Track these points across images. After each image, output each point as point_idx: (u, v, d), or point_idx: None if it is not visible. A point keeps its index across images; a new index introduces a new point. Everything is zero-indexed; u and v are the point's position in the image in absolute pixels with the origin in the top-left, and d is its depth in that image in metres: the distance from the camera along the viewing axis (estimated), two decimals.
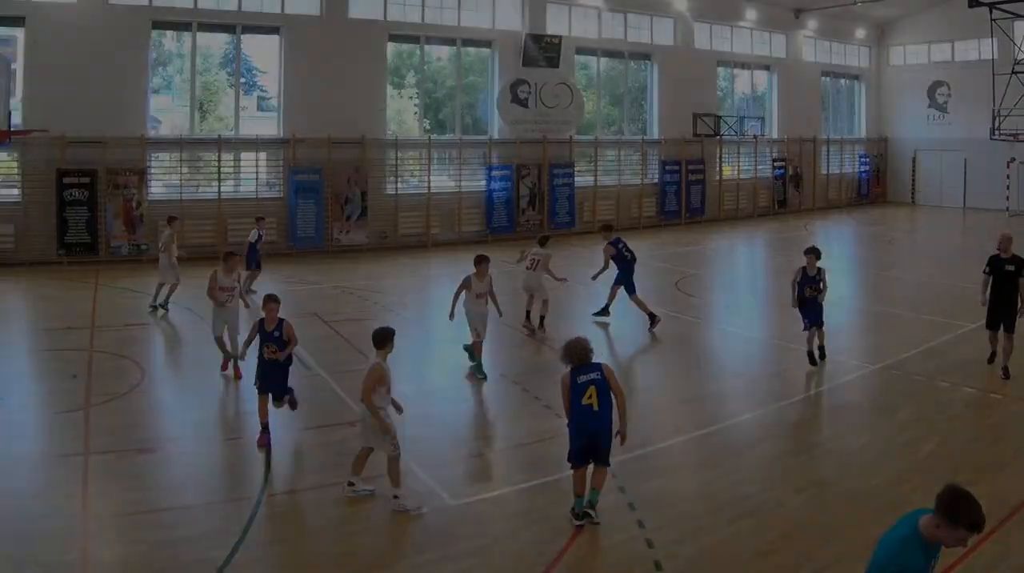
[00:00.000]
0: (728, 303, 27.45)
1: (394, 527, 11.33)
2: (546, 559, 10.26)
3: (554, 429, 14.37)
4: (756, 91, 53.80)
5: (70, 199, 32.03)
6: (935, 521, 6.28)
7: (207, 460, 13.71)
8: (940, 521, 6.24)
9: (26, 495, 11.84)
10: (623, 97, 48.23)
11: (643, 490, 12.15)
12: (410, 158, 39.99)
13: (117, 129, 32.76)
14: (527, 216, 41.63)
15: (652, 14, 46.96)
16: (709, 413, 15.81)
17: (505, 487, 12.47)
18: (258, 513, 11.46)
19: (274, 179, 36.78)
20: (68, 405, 15.84)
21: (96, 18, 32.73)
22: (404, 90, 44.45)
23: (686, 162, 47.38)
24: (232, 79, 37.87)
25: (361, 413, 12.09)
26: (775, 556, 10.40)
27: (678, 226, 46.53)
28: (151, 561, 10.20)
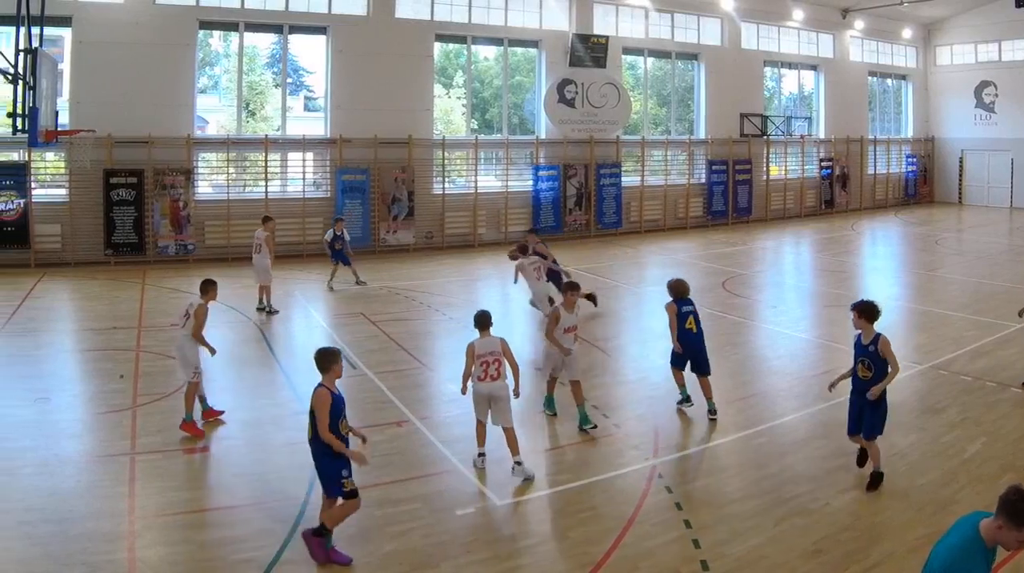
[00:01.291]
0: (774, 302, 26.46)
1: (441, 527, 11.03)
2: (593, 559, 10.07)
3: (601, 429, 14.35)
4: (803, 91, 52.26)
5: (117, 199, 31.30)
6: (997, 523, 5.99)
7: (254, 460, 13.40)
8: (1003, 522, 5.95)
9: (73, 495, 11.66)
10: (670, 97, 46.78)
11: (690, 490, 11.98)
12: (457, 158, 39.06)
13: (164, 129, 32.00)
14: (574, 216, 40.49)
15: (699, 14, 45.63)
16: (755, 413, 15.51)
17: (552, 487, 12.18)
18: (305, 513, 11.22)
19: (321, 179, 35.77)
20: (115, 405, 15.57)
21: (143, 18, 31.97)
22: (451, 90, 43.58)
23: (733, 162, 46.07)
24: (279, 79, 37.05)
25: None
26: (822, 556, 10.20)
27: (725, 226, 45.40)
28: (198, 561, 10.06)
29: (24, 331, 21.42)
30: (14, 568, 9.81)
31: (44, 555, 10.04)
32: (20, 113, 21.02)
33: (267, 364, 18.95)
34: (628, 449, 13.69)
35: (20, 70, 21.09)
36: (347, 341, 20.37)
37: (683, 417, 15.31)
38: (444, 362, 19.00)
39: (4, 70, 20.93)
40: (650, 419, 15.14)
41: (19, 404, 15.46)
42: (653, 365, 18.43)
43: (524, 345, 19.78)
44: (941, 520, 10.50)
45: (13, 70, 20.92)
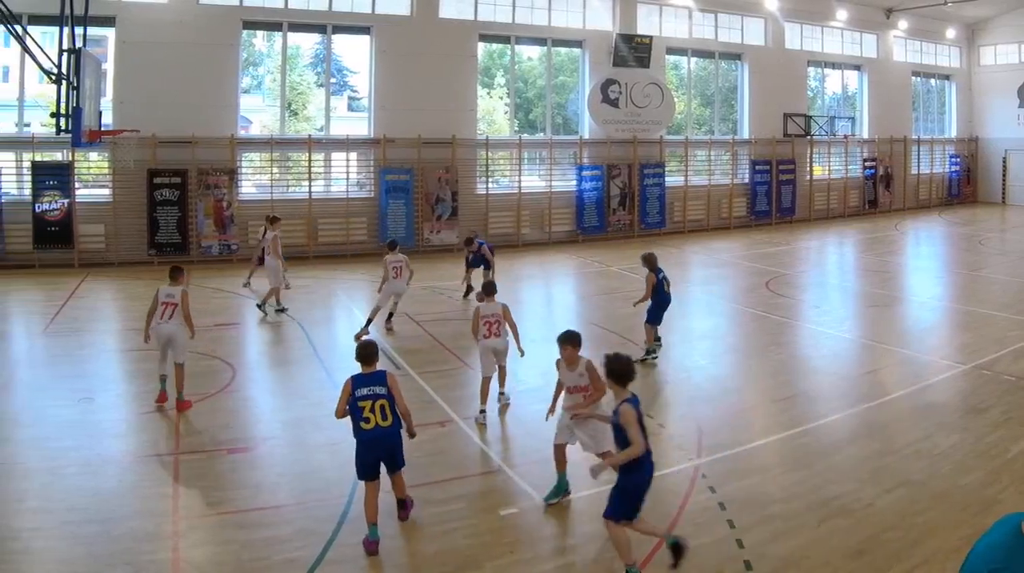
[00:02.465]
0: (818, 302, 25.68)
1: (484, 527, 10.75)
2: (636, 558, 9.54)
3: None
4: (847, 91, 50.63)
5: (161, 199, 30.65)
6: None
7: (298, 460, 13.03)
8: None
9: (116, 494, 11.46)
10: (714, 97, 45.46)
11: (733, 490, 11.64)
12: (500, 158, 37.96)
13: (207, 129, 31.27)
14: (618, 216, 39.39)
15: (743, 14, 44.23)
16: (798, 413, 15.03)
17: (595, 487, 11.20)
18: (348, 513, 11.00)
19: (365, 179, 34.97)
20: (157, 405, 15.11)
21: (187, 17, 31.26)
22: (494, 90, 42.60)
23: (776, 162, 44.67)
24: (322, 79, 36.27)
25: None
26: (865, 556, 9.92)
27: (769, 226, 44.19)
28: (241, 561, 9.83)
29: (68, 331, 20.98)
30: (57, 568, 9.63)
31: (87, 555, 9.81)
32: (64, 113, 20.57)
33: (310, 364, 18.39)
34: (672, 449, 13.27)
35: (64, 70, 20.66)
36: (390, 341, 20.01)
37: (727, 418, 14.84)
38: None
39: (48, 70, 20.63)
40: (693, 419, 14.69)
41: (62, 404, 15.14)
42: (696, 365, 18.19)
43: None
44: (984, 520, 10.09)
45: (57, 70, 20.59)
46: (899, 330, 21.92)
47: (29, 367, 18.17)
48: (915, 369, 17.86)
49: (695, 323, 22.32)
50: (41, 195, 29.41)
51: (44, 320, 22.09)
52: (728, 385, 17.09)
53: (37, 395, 15.89)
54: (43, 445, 13.17)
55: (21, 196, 29.82)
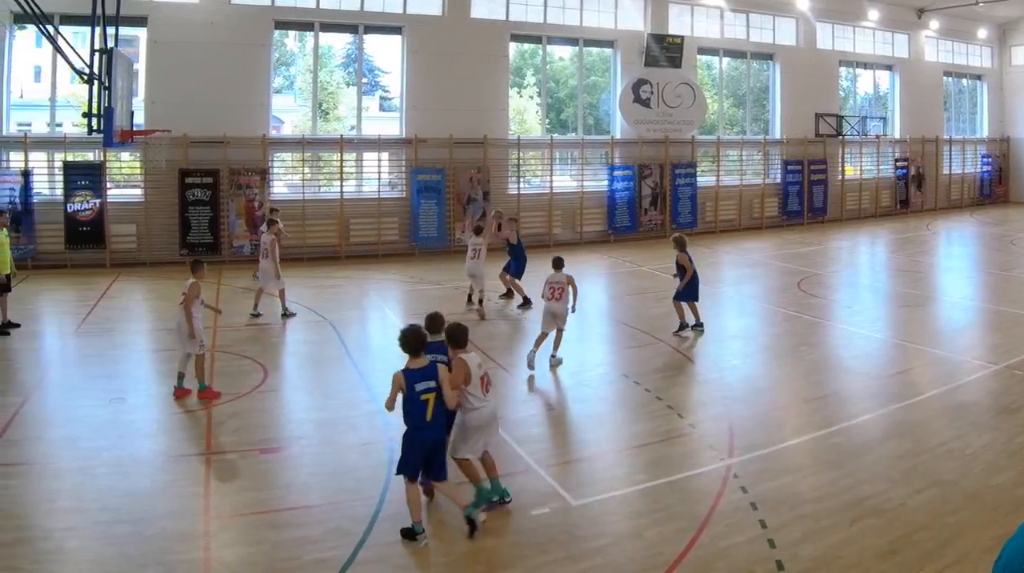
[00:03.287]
0: (850, 302, 25.02)
1: (516, 527, 10.53)
2: (667, 559, 9.62)
3: (676, 429, 13.86)
4: (878, 91, 49.46)
5: (192, 199, 30.09)
6: None
7: (330, 460, 12.72)
8: None
9: (148, 495, 11.24)
10: (745, 97, 44.39)
11: (765, 490, 11.35)
12: (532, 158, 37.19)
13: (239, 129, 30.66)
14: (649, 216, 38.52)
15: (774, 14, 43.16)
16: (830, 413, 14.65)
17: (627, 487, 11.65)
18: (381, 513, 10.77)
19: (396, 179, 34.29)
20: (190, 405, 14.97)
21: (218, 17, 30.68)
22: (525, 90, 41.76)
23: (808, 162, 43.65)
24: (353, 79, 35.66)
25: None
26: (897, 556, 9.68)
27: (800, 226, 43.15)
28: (273, 561, 9.63)
29: (99, 331, 20.61)
30: (90, 568, 9.42)
31: (120, 555, 9.59)
32: (96, 113, 20.22)
33: (342, 364, 17.96)
34: (704, 449, 13.00)
35: (96, 70, 20.25)
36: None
37: (759, 417, 14.50)
38: (519, 362, 17.88)
39: (80, 70, 20.14)
40: (726, 419, 14.27)
41: (94, 404, 14.84)
42: (729, 365, 17.76)
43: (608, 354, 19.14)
44: (1016, 520, 9.17)
45: (89, 70, 20.14)
46: (931, 330, 21.49)
47: (61, 367, 17.89)
48: (947, 369, 17.52)
49: (727, 323, 21.99)
50: (73, 195, 28.93)
51: (76, 320, 21.74)
52: (760, 385, 16.74)
53: (69, 395, 15.61)
54: (75, 445, 12.93)
55: (53, 196, 29.35)
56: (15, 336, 19.80)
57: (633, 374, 16.90)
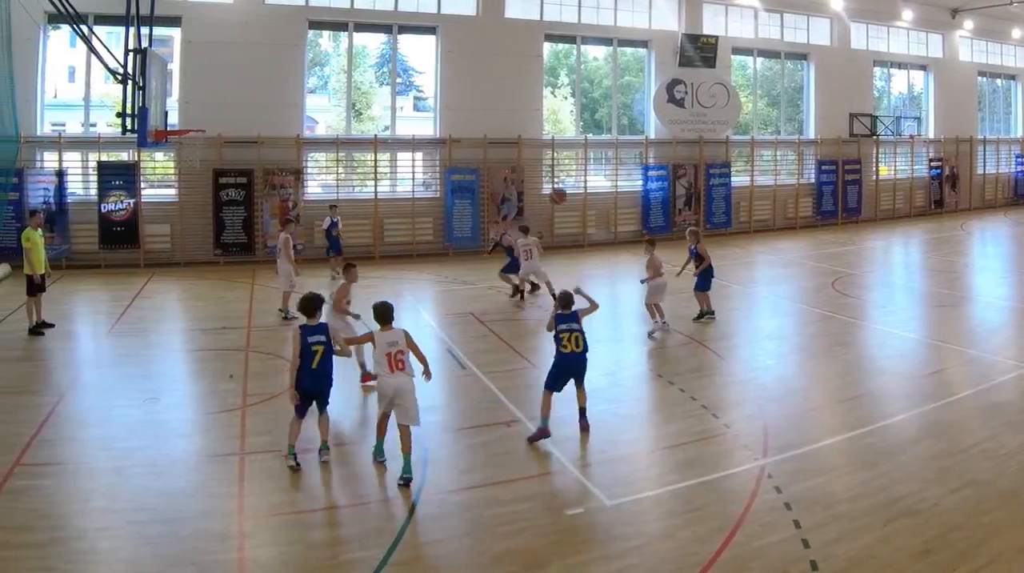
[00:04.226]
0: (884, 302, 24.54)
1: (550, 527, 10.35)
2: (702, 559, 9.48)
3: (711, 429, 13.64)
4: (912, 91, 48.04)
5: (226, 199, 29.45)
6: None
7: (364, 460, 12.46)
8: None
9: (182, 495, 11.08)
10: (779, 97, 43.20)
11: (799, 490, 11.19)
12: (566, 158, 36.17)
13: (273, 129, 30.02)
14: (683, 216, 37.28)
15: (808, 14, 41.88)
16: (864, 413, 14.32)
17: (661, 487, 11.46)
18: (415, 513, 10.66)
19: (430, 179, 33.51)
20: (224, 405, 14.78)
21: (252, 18, 30.07)
22: (560, 90, 40.65)
23: (842, 162, 42.44)
24: (387, 78, 34.90)
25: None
26: (931, 556, 9.51)
27: (834, 226, 42.05)
28: (307, 561, 9.48)
29: (134, 331, 20.26)
30: (124, 568, 9.29)
31: (154, 555, 9.48)
32: (130, 113, 20.00)
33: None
34: (738, 449, 12.77)
35: (130, 70, 20.01)
36: (457, 341, 19.27)
37: (793, 417, 14.24)
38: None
39: (114, 70, 19.84)
40: (760, 419, 13.99)
41: (129, 404, 14.63)
42: (763, 365, 17.45)
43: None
44: None
45: (123, 70, 19.89)
46: (965, 330, 20.83)
47: (95, 367, 17.60)
48: (981, 369, 17.03)
49: (761, 323, 21.75)
50: (107, 195, 28.42)
51: (110, 320, 21.35)
52: (794, 385, 16.39)
53: (103, 395, 15.35)
54: (110, 445, 12.70)
55: (87, 196, 28.85)
56: (49, 336, 19.45)
57: (667, 374, 16.63)
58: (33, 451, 12.32)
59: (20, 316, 20.36)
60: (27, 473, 11.51)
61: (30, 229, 19.76)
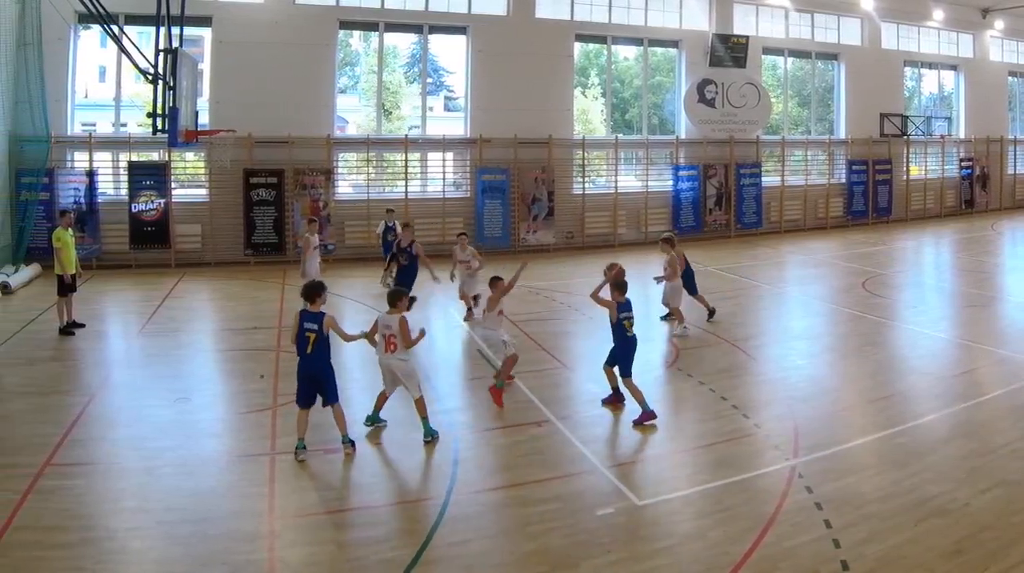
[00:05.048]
0: (914, 302, 23.91)
1: (581, 527, 10.13)
2: (732, 559, 9.26)
3: (741, 429, 13.36)
4: (943, 91, 46.69)
5: (257, 199, 28.76)
6: None
7: (395, 459, 12.45)
8: None
9: (213, 494, 10.92)
10: (810, 97, 42.04)
11: (830, 490, 11.00)
12: (596, 158, 35.33)
13: (304, 129, 29.32)
14: (714, 216, 36.50)
15: (839, 14, 40.69)
16: (895, 413, 14.08)
17: (692, 487, 11.31)
18: (445, 513, 10.45)
19: (461, 179, 32.72)
20: (255, 405, 14.50)
21: (282, 17, 29.38)
22: (590, 90, 39.60)
23: (873, 162, 41.26)
24: (417, 78, 34.11)
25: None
26: (962, 556, 9.29)
27: (865, 226, 40.94)
28: (338, 561, 9.32)
29: (164, 331, 19.95)
30: (154, 568, 9.15)
31: (184, 555, 9.33)
32: (160, 113, 19.71)
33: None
34: (768, 449, 12.53)
35: (160, 70, 19.68)
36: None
37: (824, 417, 13.98)
38: (584, 362, 17.36)
39: (145, 70, 19.52)
40: (790, 419, 13.71)
41: (159, 404, 14.43)
42: (793, 365, 17.13)
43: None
44: None
45: (154, 70, 19.55)
46: (996, 330, 20.30)
47: (126, 367, 17.27)
48: (1012, 369, 16.64)
49: (792, 323, 21.39)
50: (137, 195, 27.82)
51: (141, 320, 20.99)
52: (825, 385, 16.00)
53: (134, 395, 15.09)
54: (140, 445, 12.53)
55: (118, 196, 28.27)
56: (80, 336, 19.12)
57: (698, 374, 16.31)
58: (64, 451, 12.11)
59: (51, 316, 20.02)
60: (58, 473, 11.31)
61: (60, 229, 19.37)
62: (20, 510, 10.17)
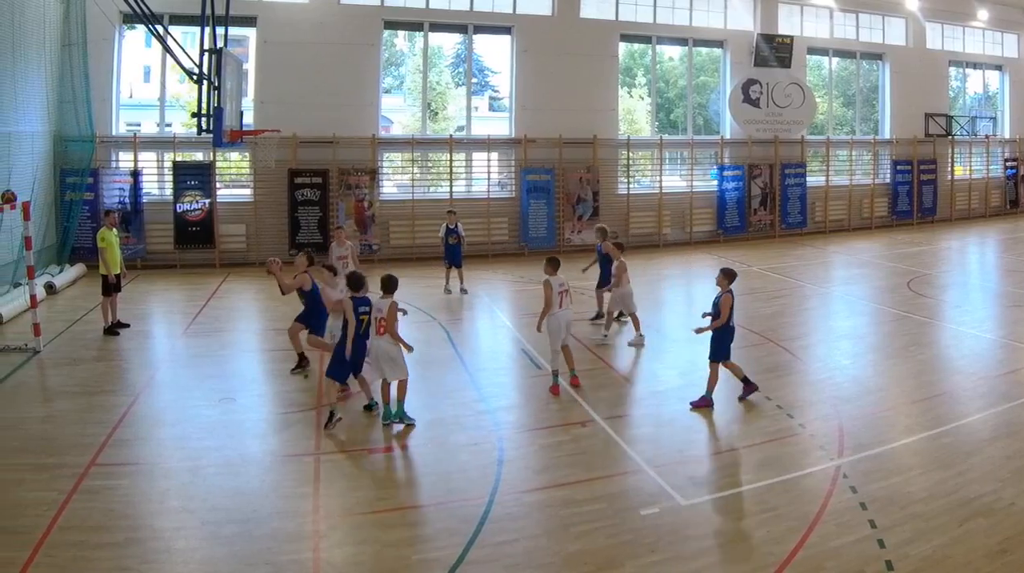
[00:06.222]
0: (959, 302, 23.17)
1: (625, 527, 9.82)
2: (777, 559, 9.01)
3: (786, 429, 13.02)
4: (988, 91, 44.53)
5: (302, 199, 27.65)
6: None
7: (439, 459, 12.08)
8: None
9: (257, 494, 10.68)
10: (855, 97, 40.31)
11: (874, 490, 10.65)
12: (641, 158, 33.93)
13: (349, 129, 28.28)
14: (759, 216, 34.99)
15: (884, 14, 38.86)
16: (939, 413, 13.76)
17: (736, 487, 11.00)
18: (489, 513, 10.17)
19: (506, 179, 31.34)
20: (299, 405, 14.19)
21: (328, 18, 28.31)
22: (635, 90, 38.05)
23: (918, 162, 39.45)
24: (462, 78, 32.99)
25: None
26: (1007, 556, 9.00)
27: (910, 226, 39.29)
28: (382, 561, 9.06)
29: (209, 331, 19.43)
30: (199, 568, 8.88)
31: (229, 555, 9.11)
32: (205, 113, 18.92)
33: (452, 365, 16.88)
34: (813, 449, 12.26)
35: (205, 70, 18.90)
36: (532, 342, 17.97)
37: (869, 418, 13.60)
38: (628, 362, 17.12)
39: (189, 70, 18.81)
40: (835, 419, 13.40)
41: (204, 404, 14.14)
42: (839, 365, 16.64)
43: None
44: None
45: (198, 70, 18.78)
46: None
47: (171, 367, 16.85)
48: None
49: (837, 323, 20.64)
50: (182, 195, 26.91)
51: (185, 320, 20.46)
52: (869, 385, 15.53)
53: (178, 395, 14.78)
54: (185, 445, 12.31)
55: (162, 196, 27.34)
56: (125, 336, 18.68)
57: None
58: (109, 451, 11.86)
59: (96, 316, 19.60)
60: (103, 473, 11.08)
61: (105, 229, 18.95)
62: (65, 510, 9.92)
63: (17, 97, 22.44)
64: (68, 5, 24.85)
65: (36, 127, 23.88)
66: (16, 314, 19.77)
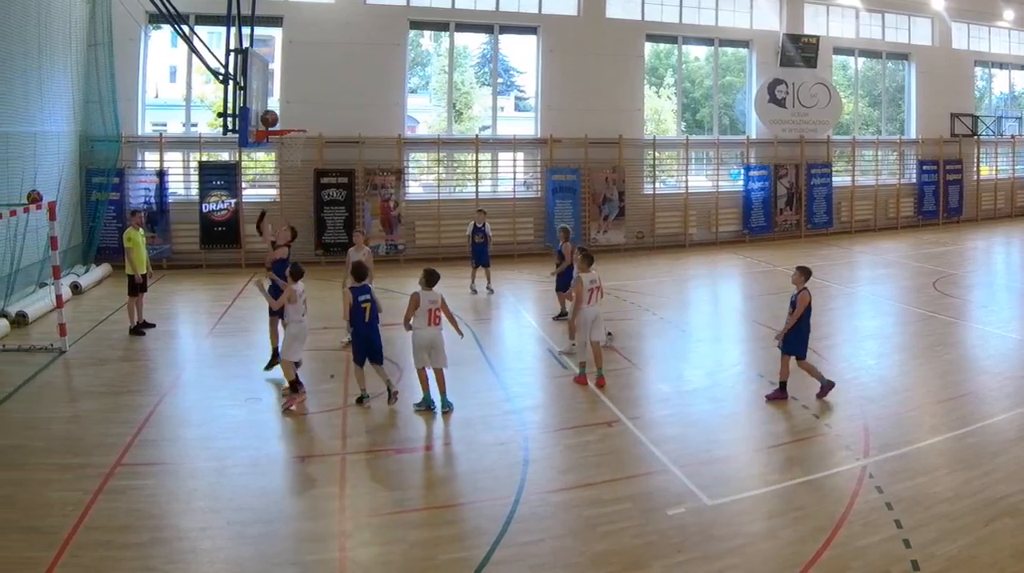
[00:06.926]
0: (985, 302, 22.83)
1: (650, 527, 9.70)
2: (803, 559, 8.89)
3: (812, 429, 12.84)
4: (1014, 91, 43.43)
5: (328, 199, 27.13)
6: None
7: (466, 460, 11.98)
8: None
9: (283, 494, 10.66)
10: (880, 97, 39.43)
11: (900, 490, 10.50)
12: (667, 158, 33.15)
13: (374, 129, 27.70)
14: (784, 216, 34.13)
15: (910, 14, 37.87)
16: (965, 413, 13.51)
17: (762, 487, 10.84)
18: (516, 513, 10.09)
19: (531, 179, 30.64)
20: (325, 405, 13.98)
21: (353, 18, 27.75)
22: (661, 90, 37.26)
23: (944, 162, 38.52)
24: (488, 78, 32.39)
25: None
26: None
27: (936, 226, 38.40)
28: (408, 561, 8.97)
29: (234, 331, 19.25)
30: (225, 567, 8.78)
31: (255, 554, 8.99)
32: (231, 113, 18.71)
33: (478, 365, 16.57)
34: (839, 449, 12.06)
35: (231, 70, 18.69)
36: (557, 341, 17.96)
37: (894, 418, 13.43)
38: (654, 362, 17.08)
39: (215, 70, 18.63)
40: (861, 419, 13.19)
41: (230, 404, 14.01)
42: (864, 365, 16.40)
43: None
44: None
45: (224, 70, 18.59)
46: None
47: (196, 367, 16.81)
48: None
49: (862, 323, 20.39)
50: (208, 195, 26.43)
51: (211, 320, 20.25)
52: (895, 385, 15.36)
53: (204, 395, 14.70)
54: (211, 445, 12.17)
55: (188, 196, 26.86)
56: (150, 336, 18.48)
57: (768, 374, 15.48)
58: (134, 451, 11.76)
59: (122, 316, 19.34)
60: (128, 473, 10.98)
61: (131, 229, 18.76)
62: (91, 510, 9.81)
63: (43, 97, 21.99)
64: (94, 5, 24.39)
65: (62, 127, 23.42)
66: (42, 314, 19.48)
